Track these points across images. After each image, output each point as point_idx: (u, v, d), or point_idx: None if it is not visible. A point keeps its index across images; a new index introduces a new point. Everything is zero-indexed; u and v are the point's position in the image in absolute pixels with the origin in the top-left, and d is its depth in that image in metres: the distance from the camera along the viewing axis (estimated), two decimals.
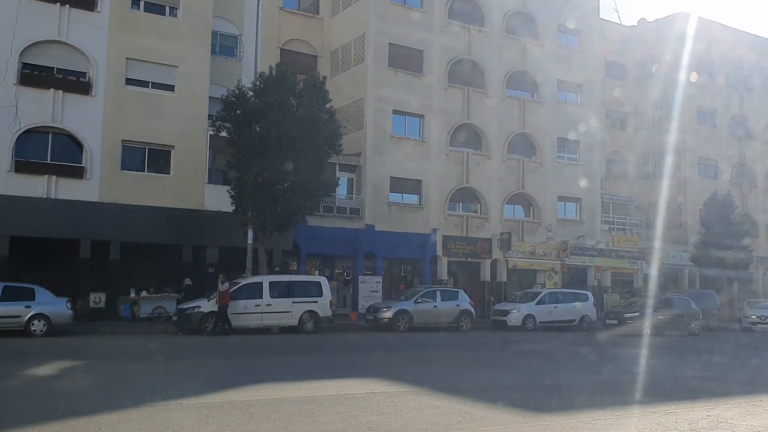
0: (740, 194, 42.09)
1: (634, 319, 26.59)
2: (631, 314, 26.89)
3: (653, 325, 26.18)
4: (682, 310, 28.23)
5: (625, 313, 27.34)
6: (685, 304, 28.70)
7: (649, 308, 27.06)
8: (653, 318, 26.46)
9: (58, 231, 23.52)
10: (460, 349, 19.28)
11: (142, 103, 25.29)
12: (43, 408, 8.78)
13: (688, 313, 28.23)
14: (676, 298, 29.38)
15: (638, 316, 26.62)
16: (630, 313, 27.08)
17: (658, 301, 28.25)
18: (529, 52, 35.23)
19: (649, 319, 26.28)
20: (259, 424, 8.29)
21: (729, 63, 43.52)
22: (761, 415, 9.71)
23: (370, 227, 29.98)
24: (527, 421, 9.02)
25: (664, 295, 30.21)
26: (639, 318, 26.47)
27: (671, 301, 28.76)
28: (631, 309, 27.67)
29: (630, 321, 26.60)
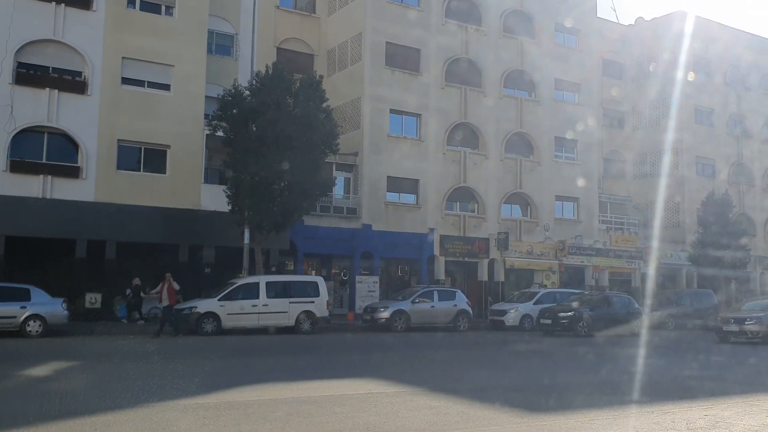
0: (738, 193, 42.13)
1: (569, 318, 24.89)
2: (566, 313, 25.09)
3: (590, 325, 24.86)
4: (622, 309, 26.59)
5: (560, 312, 25.42)
6: (626, 303, 27.13)
7: (586, 307, 25.66)
8: (590, 317, 25.03)
9: (54, 231, 23.45)
10: (458, 349, 19.24)
11: (137, 103, 25.22)
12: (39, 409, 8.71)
13: (628, 312, 26.54)
14: (615, 297, 27.83)
15: (573, 315, 24.94)
16: (565, 312, 25.25)
17: (596, 299, 27.02)
18: (526, 51, 35.21)
19: (586, 318, 24.91)
20: (256, 425, 8.24)
21: (726, 62, 43.57)
22: (758, 415, 9.68)
23: (367, 227, 29.93)
24: (525, 421, 8.98)
25: (603, 293, 28.82)
26: (574, 317, 24.86)
27: (610, 300, 27.13)
28: (565, 308, 25.76)
29: (564, 320, 24.97)
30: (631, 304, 27.05)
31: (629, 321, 26.05)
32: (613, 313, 26.04)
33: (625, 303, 27.11)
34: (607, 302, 26.69)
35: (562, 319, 24.99)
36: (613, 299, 27.18)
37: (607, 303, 26.63)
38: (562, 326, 24.95)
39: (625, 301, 27.37)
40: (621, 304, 26.86)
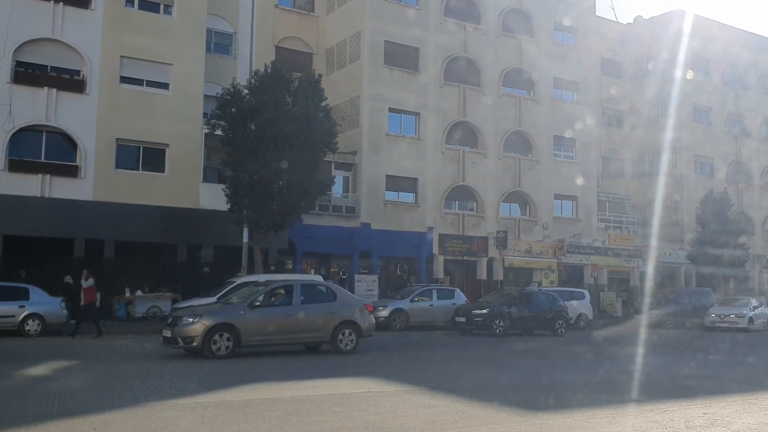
0: (736, 192, 42.16)
1: (483, 316, 23.50)
2: (480, 311, 23.72)
3: (508, 324, 23.55)
4: (545, 307, 24.86)
5: (474, 309, 24.07)
6: (549, 301, 25.30)
7: (504, 304, 24.25)
8: (509, 315, 23.72)
9: (53, 230, 23.42)
10: (457, 348, 19.24)
11: (136, 102, 25.20)
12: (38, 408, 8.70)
13: (552, 311, 24.81)
14: (537, 293, 26.15)
15: (488, 313, 23.55)
16: (479, 309, 23.88)
17: (515, 296, 25.27)
18: (525, 50, 35.20)
19: (502, 316, 23.53)
20: (255, 424, 8.24)
21: (725, 61, 43.60)
22: (757, 413, 9.69)
23: (366, 226, 29.93)
24: (523, 420, 8.98)
25: (524, 290, 27.21)
26: (489, 315, 23.48)
27: (531, 297, 25.35)
28: (481, 305, 24.40)
29: (478, 319, 23.55)
30: (555, 302, 25.30)
31: (552, 320, 24.57)
32: (535, 312, 24.47)
33: (549, 301, 25.31)
34: (527, 299, 24.95)
35: (476, 317, 23.56)
36: (535, 296, 25.44)
37: (528, 300, 24.90)
38: (476, 325, 23.51)
39: (549, 298, 25.55)
40: (543, 302, 25.05)
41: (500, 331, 23.26)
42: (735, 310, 30.15)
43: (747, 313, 29.92)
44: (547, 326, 24.61)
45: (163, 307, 23.97)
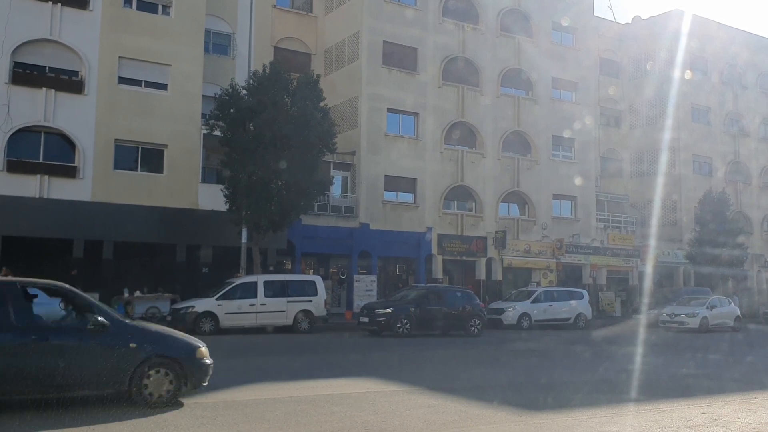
0: (735, 191, 42.19)
1: (387, 315, 21.79)
2: (384, 310, 22.03)
3: (415, 324, 22.00)
4: (458, 304, 23.19)
5: (378, 308, 22.30)
6: (463, 298, 23.62)
7: (411, 303, 22.54)
8: (416, 314, 22.11)
9: (51, 231, 23.40)
10: (455, 348, 19.23)
11: (134, 102, 25.19)
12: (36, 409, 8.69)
13: (465, 309, 23.15)
14: (449, 290, 24.44)
15: (392, 312, 21.83)
16: (382, 308, 22.17)
17: (425, 293, 23.39)
18: (523, 50, 35.22)
19: (408, 316, 21.91)
20: (254, 425, 8.24)
21: (723, 60, 43.64)
22: (756, 412, 9.70)
23: (365, 226, 29.93)
24: (523, 420, 8.98)
25: (435, 286, 25.26)
26: (393, 314, 21.77)
27: (442, 294, 23.54)
28: (385, 304, 22.71)
29: (381, 318, 21.83)
30: (469, 300, 23.60)
31: (465, 319, 22.98)
32: (445, 310, 22.77)
33: (463, 298, 23.62)
34: (437, 297, 23.15)
35: (380, 317, 21.84)
36: (447, 294, 23.73)
37: (438, 298, 23.11)
38: (379, 325, 21.84)
39: (463, 295, 23.87)
40: (456, 300, 23.41)
41: (405, 332, 21.68)
42: (687, 310, 28.55)
43: (699, 313, 28.20)
44: (460, 325, 22.91)
45: (162, 308, 23.93)
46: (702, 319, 27.97)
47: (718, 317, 29.01)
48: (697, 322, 27.82)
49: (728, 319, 29.58)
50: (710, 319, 28.39)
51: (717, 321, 28.82)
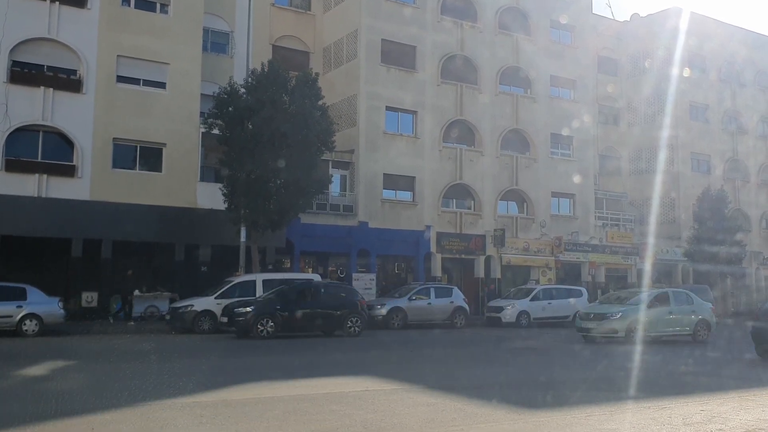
0: (733, 189, 42.22)
1: (246, 316, 19.57)
2: (244, 309, 19.80)
3: (280, 325, 19.77)
4: (334, 303, 20.95)
5: (238, 308, 20.04)
6: (340, 296, 21.48)
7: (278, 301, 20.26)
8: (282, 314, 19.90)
9: (50, 230, 23.38)
10: (455, 346, 19.25)
11: (133, 101, 25.16)
12: (35, 408, 8.70)
13: (343, 307, 20.97)
14: (323, 287, 21.87)
15: (253, 312, 19.60)
16: (243, 308, 19.92)
17: (296, 291, 21.03)
18: (522, 48, 35.21)
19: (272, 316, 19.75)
20: (254, 423, 8.24)
21: (721, 58, 43.65)
22: (754, 410, 9.72)
23: (364, 224, 29.92)
24: (522, 418, 9.00)
25: (308, 284, 22.17)
26: (254, 315, 19.56)
27: (315, 292, 21.14)
28: (246, 303, 20.28)
29: (241, 318, 19.64)
30: (348, 297, 21.39)
31: (343, 318, 20.82)
32: (319, 309, 20.60)
33: (340, 296, 21.44)
34: (310, 294, 20.99)
35: (239, 318, 19.70)
36: (321, 291, 21.35)
37: (311, 295, 20.96)
38: (239, 326, 19.74)
39: (341, 293, 21.75)
40: (332, 297, 21.18)
41: (268, 334, 19.42)
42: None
43: None
44: (337, 325, 20.82)
45: (160, 307, 23.97)
46: None
47: None
48: None
49: None
50: None
51: None
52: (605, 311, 20.78)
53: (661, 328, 20.92)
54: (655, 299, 21.08)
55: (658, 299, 21.26)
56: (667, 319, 21.09)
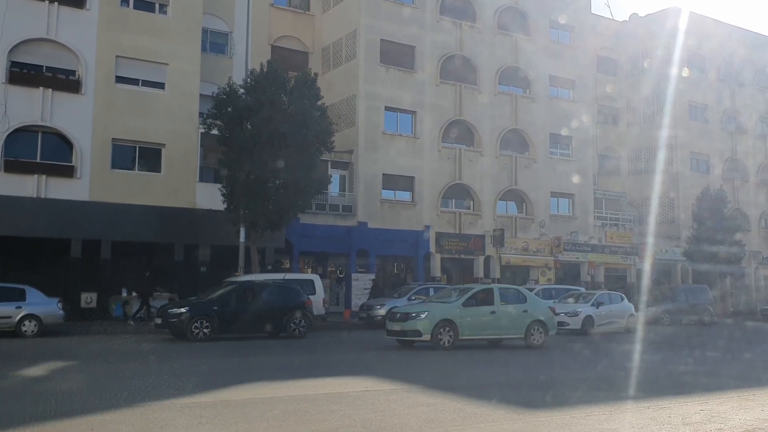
0: (732, 189, 42.26)
1: (181, 317, 18.29)
2: (178, 310, 18.73)
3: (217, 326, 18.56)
4: (276, 302, 19.75)
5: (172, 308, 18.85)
6: (284, 295, 20.09)
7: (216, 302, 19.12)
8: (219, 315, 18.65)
9: (49, 231, 23.37)
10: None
11: (132, 101, 25.15)
12: (35, 409, 8.68)
13: (286, 307, 19.83)
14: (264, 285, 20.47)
15: (187, 313, 18.35)
16: (177, 308, 18.82)
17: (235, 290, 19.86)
18: (521, 48, 35.23)
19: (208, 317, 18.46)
20: (253, 424, 8.23)
21: (720, 58, 43.70)
22: (754, 409, 9.71)
23: (363, 224, 29.92)
24: (521, 418, 8.99)
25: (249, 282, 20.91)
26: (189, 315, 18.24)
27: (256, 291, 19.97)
28: (181, 303, 19.43)
29: (174, 320, 18.39)
30: (292, 296, 20.01)
31: (286, 319, 19.67)
32: (261, 309, 19.35)
33: (283, 295, 20.12)
34: (251, 294, 19.96)
35: (172, 318, 18.48)
36: (263, 290, 20.20)
37: (252, 295, 19.91)
38: (172, 327, 18.51)
39: (284, 291, 20.40)
40: (274, 297, 19.96)
41: (204, 336, 18.26)
42: (569, 308, 24.36)
43: (582, 311, 24.28)
44: (280, 326, 19.62)
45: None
46: (585, 319, 24.06)
47: (607, 316, 24.97)
48: (579, 322, 23.88)
49: (619, 318, 25.57)
50: (596, 318, 24.37)
51: (605, 321, 24.82)
52: (410, 310, 17.69)
53: (480, 331, 17.52)
54: (473, 297, 17.64)
55: (476, 297, 17.84)
56: (487, 321, 17.60)
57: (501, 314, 17.81)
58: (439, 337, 16.79)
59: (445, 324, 16.93)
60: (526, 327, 17.97)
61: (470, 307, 17.51)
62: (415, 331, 16.93)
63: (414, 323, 16.96)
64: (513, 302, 18.42)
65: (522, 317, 18.09)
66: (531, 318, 18.14)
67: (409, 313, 17.33)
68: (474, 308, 17.60)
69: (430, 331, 16.71)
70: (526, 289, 21.14)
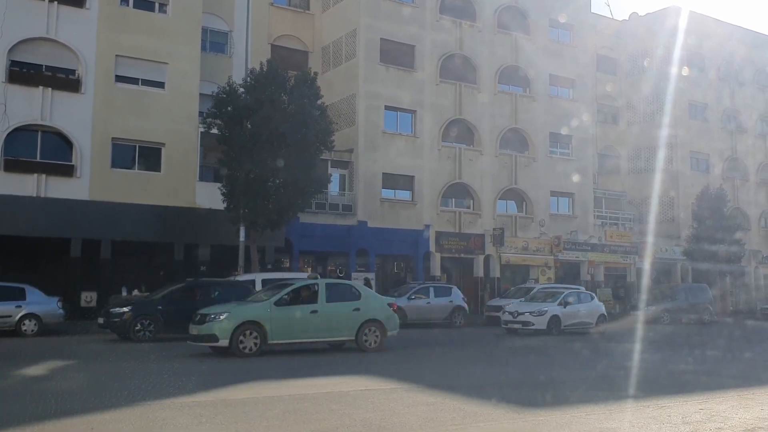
0: (732, 188, 42.25)
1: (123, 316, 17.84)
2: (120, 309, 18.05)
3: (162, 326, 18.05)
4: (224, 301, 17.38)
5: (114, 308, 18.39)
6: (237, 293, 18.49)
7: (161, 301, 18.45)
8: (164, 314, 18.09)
9: (49, 230, 23.37)
10: (454, 346, 19.25)
11: (132, 101, 25.14)
12: (35, 408, 8.69)
13: None
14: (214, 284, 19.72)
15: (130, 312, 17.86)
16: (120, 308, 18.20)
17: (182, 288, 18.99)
18: (520, 47, 35.21)
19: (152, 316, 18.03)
20: (253, 423, 8.23)
21: (720, 57, 43.68)
22: (753, 408, 9.72)
23: (363, 224, 29.92)
24: (521, 417, 9.00)
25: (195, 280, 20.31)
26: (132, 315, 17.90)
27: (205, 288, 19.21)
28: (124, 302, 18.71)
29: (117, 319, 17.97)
30: (245, 295, 17.96)
31: None
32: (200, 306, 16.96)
33: (235, 293, 18.64)
34: (201, 292, 19.13)
35: (115, 317, 18.03)
36: (212, 288, 19.33)
37: (201, 293, 19.08)
38: (114, 327, 18.10)
39: (236, 290, 19.15)
40: (225, 295, 18.61)
41: (148, 336, 17.76)
42: (534, 307, 23.36)
43: (548, 310, 23.01)
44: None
45: None
46: (552, 319, 22.89)
47: (575, 316, 23.88)
48: (544, 322, 22.70)
49: (589, 318, 24.36)
50: (563, 318, 23.29)
51: (573, 321, 23.75)
52: (210, 311, 15.16)
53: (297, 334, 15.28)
54: (290, 294, 15.42)
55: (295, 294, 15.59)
56: (308, 322, 15.30)
57: (326, 314, 15.43)
58: (241, 341, 14.44)
59: (250, 327, 14.57)
60: (358, 328, 15.75)
61: (285, 306, 15.13)
62: (210, 336, 14.56)
63: (210, 326, 14.57)
64: (343, 299, 15.98)
65: (353, 317, 15.79)
66: (364, 317, 15.89)
67: (208, 315, 14.88)
68: (290, 307, 15.19)
69: (228, 336, 14.35)
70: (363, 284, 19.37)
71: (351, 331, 15.80)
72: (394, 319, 16.68)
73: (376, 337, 16.06)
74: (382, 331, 16.17)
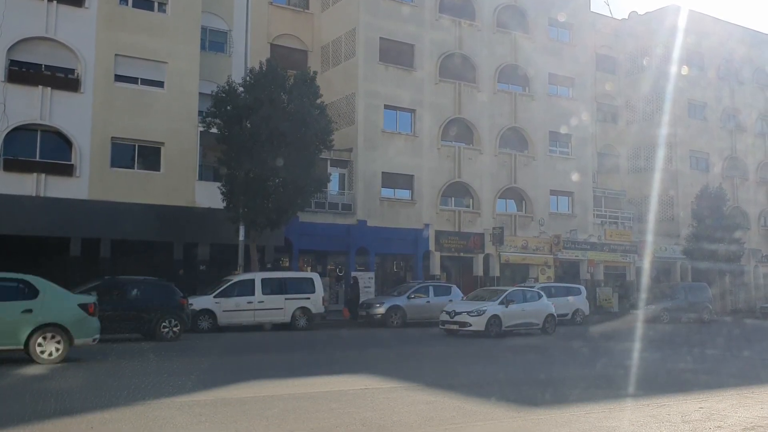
0: (732, 187, 42.26)
1: None
2: None
3: None
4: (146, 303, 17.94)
5: None
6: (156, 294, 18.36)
7: None
8: None
9: (48, 229, 23.35)
10: (454, 345, 19.25)
11: (131, 100, 25.13)
12: (35, 407, 8.69)
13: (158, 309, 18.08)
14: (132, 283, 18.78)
15: None
16: None
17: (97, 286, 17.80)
18: (520, 46, 35.21)
19: None
20: (253, 422, 8.24)
21: (720, 56, 43.67)
22: (753, 407, 9.73)
23: (362, 223, 29.92)
24: (521, 416, 9.01)
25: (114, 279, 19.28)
26: None
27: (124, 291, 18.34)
28: None
29: None
30: (170, 297, 18.32)
31: (156, 320, 18.04)
32: (126, 310, 17.73)
33: (154, 294, 18.39)
34: (116, 293, 18.44)
35: None
36: (130, 288, 18.62)
37: (117, 294, 18.41)
38: None
39: (155, 291, 18.62)
40: (143, 296, 18.27)
41: None
42: (472, 306, 21.73)
43: (487, 310, 21.26)
44: (149, 329, 17.98)
45: None
46: (491, 319, 21.22)
47: (519, 316, 22.21)
48: (483, 323, 21.04)
49: (535, 318, 22.75)
50: (504, 318, 21.60)
51: (516, 321, 22.12)
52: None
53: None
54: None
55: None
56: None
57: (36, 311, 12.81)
58: None
59: None
60: (27, 334, 12.68)
61: None
62: None
63: None
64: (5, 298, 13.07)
65: (17, 322, 12.70)
66: (36, 322, 12.77)
67: None
68: None
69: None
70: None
71: (16, 339, 12.67)
72: (87, 323, 13.39)
73: (57, 346, 12.93)
74: (65, 338, 12.95)
